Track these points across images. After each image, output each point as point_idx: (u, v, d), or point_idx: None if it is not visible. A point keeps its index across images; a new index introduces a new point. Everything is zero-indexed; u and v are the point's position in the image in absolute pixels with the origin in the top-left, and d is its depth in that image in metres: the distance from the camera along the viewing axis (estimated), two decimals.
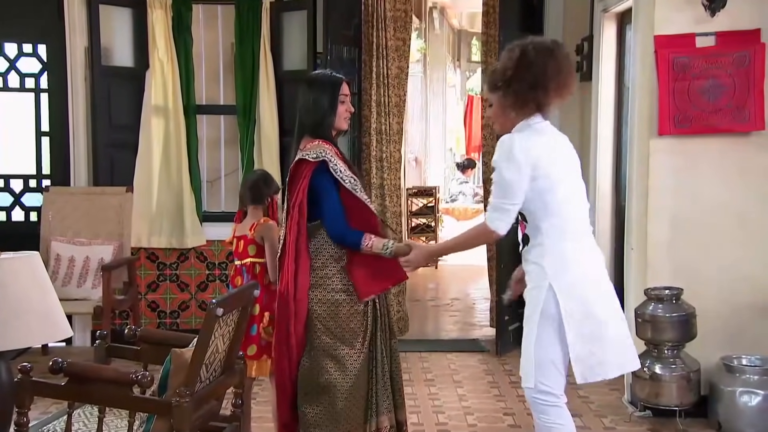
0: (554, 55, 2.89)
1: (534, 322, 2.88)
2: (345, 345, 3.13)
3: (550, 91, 2.90)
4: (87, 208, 5.42)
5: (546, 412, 2.93)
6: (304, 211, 3.12)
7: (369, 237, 3.10)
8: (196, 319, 5.77)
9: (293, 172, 3.17)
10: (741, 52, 4.12)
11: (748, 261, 4.24)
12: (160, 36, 5.62)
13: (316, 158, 3.10)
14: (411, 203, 9.24)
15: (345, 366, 3.13)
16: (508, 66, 2.91)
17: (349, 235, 3.11)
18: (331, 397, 3.13)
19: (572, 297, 2.87)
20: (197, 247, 5.81)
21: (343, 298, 3.13)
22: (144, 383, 2.71)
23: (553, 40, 3.01)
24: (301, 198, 3.11)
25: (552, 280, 2.86)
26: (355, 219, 3.13)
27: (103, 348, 3.21)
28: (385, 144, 5.88)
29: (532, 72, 2.86)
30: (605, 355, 2.90)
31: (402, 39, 6.00)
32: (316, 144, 3.15)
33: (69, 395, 2.78)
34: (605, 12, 5.11)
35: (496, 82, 2.95)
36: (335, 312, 3.13)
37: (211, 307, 2.71)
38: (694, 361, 4.14)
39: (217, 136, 6.11)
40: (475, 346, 5.75)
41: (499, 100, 2.96)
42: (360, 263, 3.12)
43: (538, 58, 2.86)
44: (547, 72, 2.87)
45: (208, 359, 2.81)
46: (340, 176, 3.11)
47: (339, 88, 3.19)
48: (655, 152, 4.26)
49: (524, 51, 2.89)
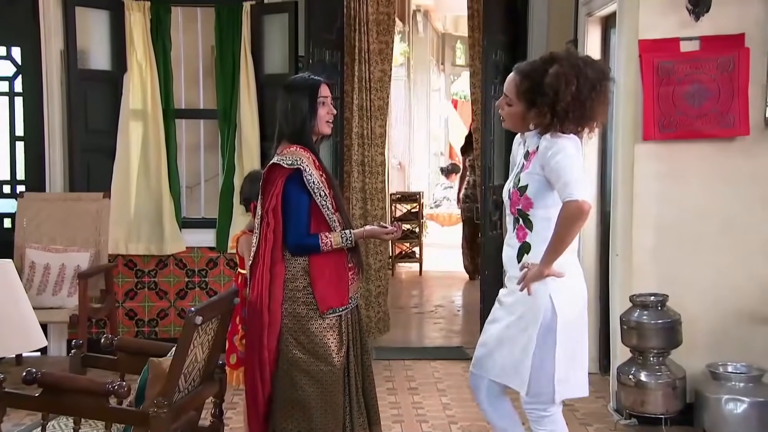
0: (602, 89, 2.88)
1: (532, 332, 2.89)
2: (319, 360, 3.11)
3: (587, 124, 2.91)
4: (63, 214, 5.38)
5: (540, 422, 2.96)
6: (279, 218, 3.11)
7: (325, 236, 3.11)
8: (175, 328, 5.74)
9: (266, 176, 3.16)
10: (725, 56, 4.16)
11: (733, 267, 4.27)
12: (138, 39, 5.60)
13: (291, 165, 3.09)
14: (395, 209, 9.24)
15: (319, 382, 3.12)
16: (559, 98, 2.83)
17: (305, 241, 3.11)
18: (305, 413, 3.11)
19: (569, 311, 2.92)
20: (176, 254, 5.78)
21: (308, 312, 3.11)
22: (121, 393, 2.69)
23: (604, 69, 2.95)
24: (275, 203, 3.11)
25: (552, 292, 2.88)
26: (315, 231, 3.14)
27: (79, 357, 3.19)
28: (367, 148, 5.90)
29: (582, 108, 2.84)
30: (582, 374, 2.99)
31: (385, 42, 6.02)
32: (293, 150, 3.14)
33: (43, 406, 2.76)
34: (589, 16, 5.15)
35: (531, 94, 2.89)
36: (304, 326, 3.11)
37: (189, 315, 2.70)
38: (680, 369, 4.17)
39: (196, 141, 6.09)
40: (459, 354, 5.76)
41: (524, 111, 2.93)
42: (319, 276, 3.11)
43: (587, 91, 2.83)
44: (594, 106, 2.86)
45: (187, 368, 2.80)
46: (312, 188, 3.10)
47: (317, 91, 3.17)
48: (640, 157, 4.29)
49: (579, 78, 2.82)
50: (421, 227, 9.33)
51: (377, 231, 3.24)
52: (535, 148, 2.94)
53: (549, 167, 2.84)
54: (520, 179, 2.97)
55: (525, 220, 2.94)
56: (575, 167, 2.82)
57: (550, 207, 2.90)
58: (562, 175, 2.80)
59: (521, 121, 2.98)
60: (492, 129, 5.55)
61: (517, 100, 2.96)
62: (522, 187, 2.94)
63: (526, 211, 2.94)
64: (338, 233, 3.12)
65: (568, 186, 2.78)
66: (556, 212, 2.86)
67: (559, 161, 2.82)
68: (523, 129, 3.01)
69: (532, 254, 2.92)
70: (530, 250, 2.93)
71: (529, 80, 2.92)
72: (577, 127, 2.90)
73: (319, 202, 3.12)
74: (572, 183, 2.79)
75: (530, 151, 2.98)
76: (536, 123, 2.92)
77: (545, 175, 2.88)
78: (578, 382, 3.00)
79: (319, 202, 3.12)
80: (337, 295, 3.15)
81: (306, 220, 3.11)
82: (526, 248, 2.95)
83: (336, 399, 3.15)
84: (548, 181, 2.87)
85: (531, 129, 2.98)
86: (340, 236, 3.12)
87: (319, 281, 3.11)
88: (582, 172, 2.85)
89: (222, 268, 5.81)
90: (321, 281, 3.11)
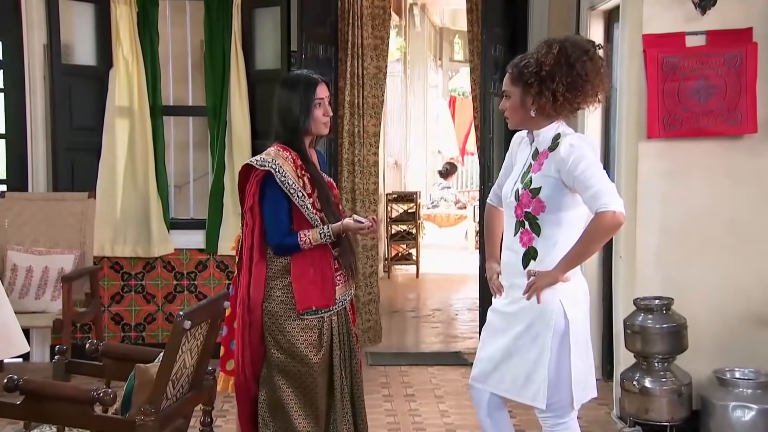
0: (592, 57, 2.87)
1: (545, 340, 2.88)
2: (296, 361, 3.16)
3: (587, 96, 2.89)
4: (46, 214, 5.37)
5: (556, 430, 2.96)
6: (257, 217, 3.16)
7: (303, 233, 3.14)
8: (162, 333, 5.74)
9: (241, 175, 3.21)
10: (732, 51, 4.17)
11: (740, 270, 4.28)
12: (124, 32, 5.59)
13: (262, 166, 3.13)
14: (391, 209, 9.24)
15: (298, 383, 3.17)
16: (544, 61, 2.84)
17: (286, 241, 3.15)
18: (286, 415, 3.17)
19: (579, 316, 2.92)
20: (164, 256, 5.78)
21: (285, 311, 3.15)
22: (106, 401, 2.69)
23: (589, 40, 3.01)
24: (251, 203, 3.16)
25: (562, 296, 2.88)
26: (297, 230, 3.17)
27: (63, 364, 3.19)
28: (359, 147, 5.89)
29: (572, 73, 2.83)
30: (590, 378, 3.00)
31: (380, 37, 6.02)
32: (271, 150, 3.18)
33: (25, 414, 2.75)
34: (592, 9, 5.16)
35: (525, 76, 2.89)
36: (281, 325, 3.16)
37: (178, 319, 2.70)
38: (686, 375, 4.17)
39: (185, 139, 6.08)
40: (457, 360, 5.76)
41: (522, 96, 2.92)
42: (300, 275, 3.15)
43: (577, 58, 2.83)
44: (588, 74, 2.85)
45: (175, 375, 2.80)
46: (287, 189, 3.13)
47: (314, 91, 3.18)
48: (644, 156, 4.29)
49: (563, 48, 2.85)
50: (418, 228, 9.33)
51: (351, 225, 3.19)
52: (547, 147, 2.92)
53: (572, 177, 2.82)
54: (532, 180, 2.91)
55: (532, 224, 2.90)
56: (603, 174, 2.82)
57: (561, 211, 2.88)
58: (593, 185, 2.78)
59: (522, 110, 2.94)
60: (491, 127, 5.55)
61: (512, 87, 2.96)
62: (535, 189, 2.90)
63: (535, 215, 2.90)
64: (316, 229, 3.15)
65: (601, 195, 2.77)
66: (566, 216, 2.87)
67: (585, 170, 2.80)
68: (527, 120, 2.97)
69: (539, 260, 2.89)
70: (537, 255, 2.90)
71: (520, 66, 2.94)
72: (577, 99, 2.88)
73: (297, 202, 3.15)
74: (605, 192, 2.78)
75: (540, 151, 2.95)
76: (537, 107, 2.90)
77: (563, 180, 2.86)
78: (591, 384, 3.01)
79: (297, 202, 3.15)
80: (320, 296, 3.18)
81: (286, 219, 3.16)
82: (532, 254, 2.91)
83: (315, 401, 3.18)
84: (565, 185, 2.86)
85: (533, 116, 2.93)
86: (318, 232, 3.15)
87: (299, 280, 3.15)
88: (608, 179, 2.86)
89: (212, 270, 5.81)
90: (302, 280, 3.15)
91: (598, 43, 2.96)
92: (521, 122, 3.00)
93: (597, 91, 2.91)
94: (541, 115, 2.92)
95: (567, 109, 2.90)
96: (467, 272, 8.53)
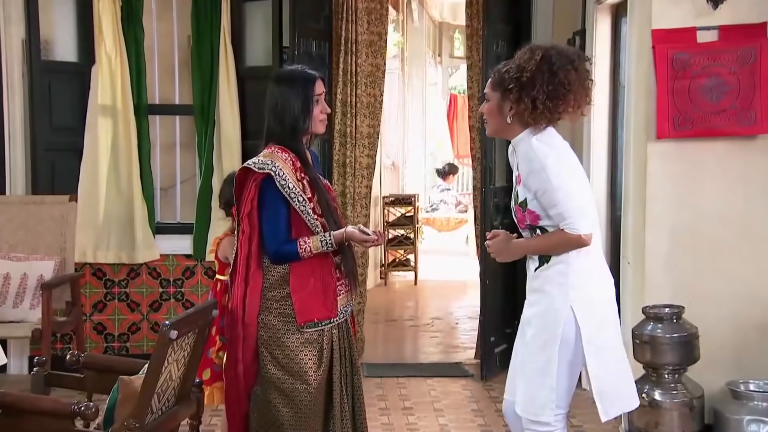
0: (577, 67, 2.91)
1: (552, 349, 2.89)
2: (294, 378, 3.11)
3: (568, 106, 2.92)
4: (24, 219, 5.36)
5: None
6: (255, 224, 3.11)
7: (303, 241, 3.11)
8: (147, 343, 5.73)
9: (238, 179, 3.17)
10: (746, 47, 4.18)
11: (755, 276, 4.29)
12: (107, 27, 5.59)
13: (261, 169, 3.09)
14: (388, 213, 9.24)
15: (294, 402, 3.11)
16: (526, 67, 2.89)
17: (284, 248, 3.11)
18: None
19: (595, 321, 2.92)
20: (149, 262, 5.77)
21: (283, 324, 3.11)
22: (87, 415, 2.69)
23: (576, 50, 3.06)
24: (249, 209, 3.11)
25: (573, 302, 2.89)
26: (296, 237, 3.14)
27: (42, 376, 3.19)
28: (350, 148, 5.90)
29: (554, 81, 2.87)
30: (625, 386, 2.99)
31: (377, 33, 6.02)
32: (269, 152, 3.14)
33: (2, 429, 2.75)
34: (599, 4, 5.17)
35: (505, 81, 2.93)
36: (279, 340, 3.11)
37: (164, 329, 2.70)
38: (697, 387, 4.18)
39: (171, 139, 6.08)
40: (457, 371, 5.76)
41: (500, 101, 2.96)
42: (300, 286, 3.11)
43: (561, 66, 2.87)
44: (571, 84, 2.88)
45: (161, 388, 2.80)
46: (288, 193, 3.10)
47: (313, 88, 3.15)
48: (653, 157, 4.30)
49: (546, 55, 2.89)
50: (416, 233, 9.33)
51: (356, 235, 3.16)
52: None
53: (535, 188, 2.87)
54: (518, 193, 2.99)
55: (541, 230, 2.97)
56: (568, 189, 2.85)
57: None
58: (557, 204, 2.85)
59: (500, 116, 2.99)
60: None
61: (492, 92, 3.01)
62: (522, 202, 2.97)
63: (535, 224, 2.96)
64: (317, 237, 3.12)
65: (565, 216, 2.85)
66: None
67: (544, 184, 2.85)
68: (503, 126, 3.01)
69: (552, 264, 2.94)
70: (550, 259, 2.96)
71: (501, 71, 2.98)
72: (558, 108, 2.91)
73: (297, 207, 3.11)
74: (570, 213, 2.85)
75: (519, 161, 3.01)
76: (515, 113, 2.94)
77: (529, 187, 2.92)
78: (626, 393, 3.00)
79: (298, 207, 3.12)
80: (322, 307, 3.14)
81: (284, 226, 3.12)
82: (545, 258, 2.97)
83: (312, 423, 3.13)
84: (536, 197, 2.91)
85: (509, 122, 2.96)
86: (318, 240, 3.11)
87: (299, 291, 3.11)
88: (576, 186, 2.88)
89: (199, 277, 5.80)
90: (302, 291, 3.11)
91: (586, 56, 3.02)
92: (497, 128, 3.05)
93: (580, 103, 2.96)
94: (518, 123, 2.96)
95: (546, 118, 2.93)
96: (468, 279, 8.53)
